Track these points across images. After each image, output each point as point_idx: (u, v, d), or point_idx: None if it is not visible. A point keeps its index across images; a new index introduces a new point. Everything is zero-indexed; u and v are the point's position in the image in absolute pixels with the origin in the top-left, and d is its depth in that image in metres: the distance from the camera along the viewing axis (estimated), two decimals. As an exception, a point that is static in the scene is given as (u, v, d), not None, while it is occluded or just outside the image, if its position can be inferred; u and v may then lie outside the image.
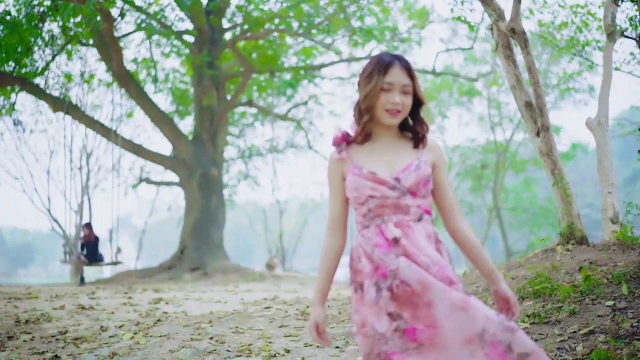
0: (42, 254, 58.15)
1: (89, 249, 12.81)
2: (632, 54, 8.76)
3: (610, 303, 4.47)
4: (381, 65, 2.22)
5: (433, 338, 2.03)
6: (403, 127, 2.34)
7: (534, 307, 4.80)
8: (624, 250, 5.85)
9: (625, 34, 7.55)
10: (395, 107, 2.21)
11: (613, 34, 7.87)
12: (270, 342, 4.81)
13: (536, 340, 4.20)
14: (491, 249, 36.77)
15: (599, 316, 4.31)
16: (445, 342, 2.02)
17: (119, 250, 13.43)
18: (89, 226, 13.20)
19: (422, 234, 2.17)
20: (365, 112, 2.24)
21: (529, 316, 4.64)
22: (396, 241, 2.13)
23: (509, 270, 6.43)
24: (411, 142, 2.31)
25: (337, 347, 4.61)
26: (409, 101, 2.24)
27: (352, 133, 2.33)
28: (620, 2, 7.56)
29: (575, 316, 4.42)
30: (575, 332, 4.14)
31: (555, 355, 3.83)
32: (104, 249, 14.21)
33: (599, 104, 7.89)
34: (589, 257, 5.77)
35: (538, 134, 6.88)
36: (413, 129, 2.32)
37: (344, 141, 2.32)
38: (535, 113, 6.87)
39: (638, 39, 5.25)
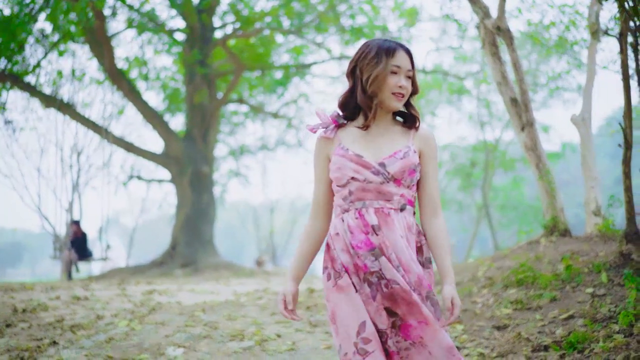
0: (31, 253, 57.74)
1: (77, 245, 12.91)
2: (619, 52, 8.93)
3: (590, 290, 4.62)
4: (387, 48, 2.19)
5: (423, 336, 2.08)
6: (394, 112, 2.30)
7: (516, 294, 4.97)
8: (605, 241, 6.03)
9: (610, 32, 7.73)
10: (401, 91, 2.18)
11: (597, 32, 8.08)
12: (262, 328, 4.95)
13: (518, 325, 4.37)
14: (480, 247, 36.95)
15: (579, 302, 4.46)
16: (432, 344, 2.07)
17: (108, 247, 13.50)
18: (76, 223, 13.29)
19: (401, 225, 2.14)
20: (373, 95, 2.19)
21: (511, 302, 4.81)
22: (374, 229, 2.11)
23: (495, 261, 6.60)
24: (403, 127, 2.26)
25: (327, 332, 4.76)
26: (410, 86, 2.22)
27: (338, 119, 2.30)
28: (604, 0, 7.75)
29: (556, 302, 4.58)
30: (555, 317, 4.30)
31: (536, 338, 3.99)
32: (93, 247, 14.30)
33: (583, 100, 8.11)
34: (571, 248, 5.94)
35: (523, 129, 7.06)
36: (405, 114, 2.29)
37: (334, 123, 2.29)
38: (520, 109, 7.05)
39: (619, 37, 5.42)
